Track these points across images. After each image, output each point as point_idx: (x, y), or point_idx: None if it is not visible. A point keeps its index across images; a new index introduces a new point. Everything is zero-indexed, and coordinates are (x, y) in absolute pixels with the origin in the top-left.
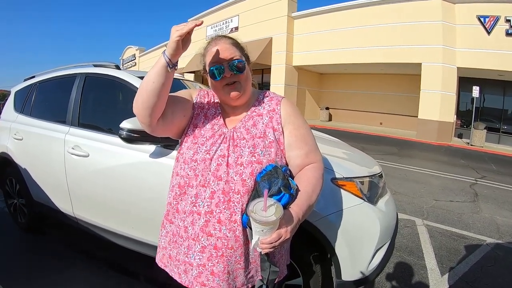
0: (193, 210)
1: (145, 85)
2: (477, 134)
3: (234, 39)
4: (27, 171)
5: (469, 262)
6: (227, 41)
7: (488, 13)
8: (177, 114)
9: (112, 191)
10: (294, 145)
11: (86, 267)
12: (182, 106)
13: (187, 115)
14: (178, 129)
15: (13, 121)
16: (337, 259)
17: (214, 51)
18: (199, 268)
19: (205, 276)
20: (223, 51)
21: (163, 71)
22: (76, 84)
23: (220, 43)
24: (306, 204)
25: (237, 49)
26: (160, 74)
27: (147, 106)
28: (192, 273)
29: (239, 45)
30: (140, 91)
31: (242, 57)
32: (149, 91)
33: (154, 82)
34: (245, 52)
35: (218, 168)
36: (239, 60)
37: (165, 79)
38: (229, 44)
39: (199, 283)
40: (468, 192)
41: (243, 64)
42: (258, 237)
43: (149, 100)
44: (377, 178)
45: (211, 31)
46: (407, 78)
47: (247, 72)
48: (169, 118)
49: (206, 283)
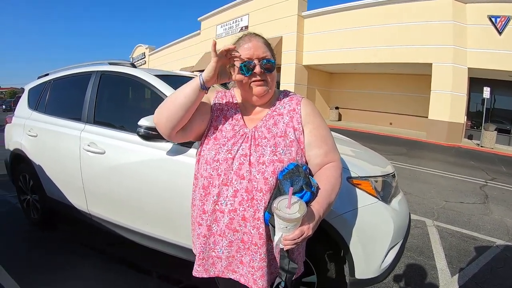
0: (215, 209)
1: (173, 99)
2: (487, 136)
3: (266, 39)
4: (41, 167)
5: (479, 263)
6: (260, 39)
7: (499, 13)
8: (195, 122)
9: (128, 187)
10: (314, 144)
11: (98, 262)
12: (200, 112)
13: (206, 120)
14: (197, 134)
15: (27, 118)
16: (351, 257)
17: (247, 47)
18: (229, 259)
19: (235, 264)
20: (257, 49)
21: (196, 89)
22: (91, 82)
23: (254, 40)
24: (326, 202)
25: (268, 49)
26: (193, 91)
27: (172, 119)
28: (222, 264)
29: (270, 46)
30: (167, 104)
31: (272, 57)
32: (177, 104)
33: (186, 97)
34: (273, 53)
35: (240, 167)
36: (271, 60)
37: (196, 97)
38: (262, 43)
39: (230, 270)
40: (478, 193)
41: (273, 65)
42: (281, 234)
43: (176, 113)
44: (390, 177)
45: (221, 30)
46: (417, 78)
47: (274, 72)
48: (188, 127)
49: (237, 270)
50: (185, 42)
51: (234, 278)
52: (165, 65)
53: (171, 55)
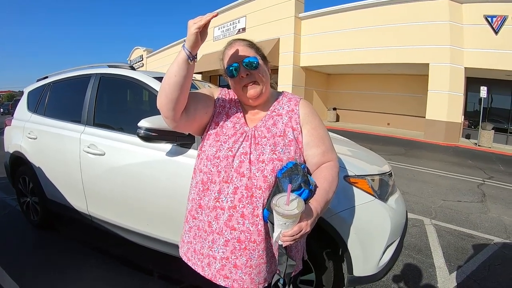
0: (216, 206)
1: (167, 80)
2: (485, 135)
3: (249, 41)
4: (41, 169)
5: (477, 261)
6: (242, 43)
7: (495, 13)
8: (199, 110)
9: (128, 188)
10: (312, 144)
11: (98, 263)
12: (204, 103)
13: (209, 112)
14: (200, 125)
15: (27, 120)
16: (349, 255)
17: (230, 53)
18: (222, 261)
19: (228, 268)
20: (239, 52)
21: (184, 64)
22: (91, 84)
23: (236, 45)
24: (324, 199)
25: (252, 49)
26: (182, 67)
27: (170, 99)
28: (215, 266)
29: (254, 46)
30: (163, 86)
31: (257, 56)
32: (171, 84)
33: (176, 75)
34: (260, 52)
35: (240, 165)
36: (252, 58)
37: (186, 71)
38: (244, 46)
39: (222, 275)
40: (475, 192)
41: (257, 61)
42: (280, 230)
43: (172, 93)
44: (387, 176)
45: (219, 32)
46: (415, 78)
47: (262, 70)
48: (192, 114)
49: (229, 275)
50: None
51: (226, 285)
52: (163, 67)
53: (169, 58)
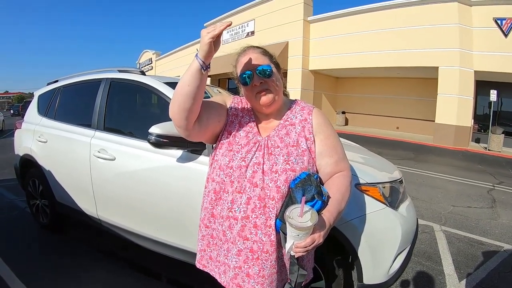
0: (229, 216)
1: (180, 89)
2: (495, 139)
3: (262, 48)
4: (51, 172)
5: (487, 268)
6: (256, 50)
7: (505, 15)
8: (212, 119)
9: (138, 194)
10: (325, 153)
11: (106, 266)
12: (217, 112)
13: (222, 121)
14: (213, 134)
15: (37, 124)
16: (359, 262)
17: (243, 61)
18: (235, 270)
19: (241, 277)
20: (252, 60)
21: (197, 73)
22: (101, 89)
23: (249, 52)
24: (337, 210)
25: (266, 57)
26: (195, 77)
27: (183, 108)
28: (229, 275)
29: (267, 53)
30: (176, 96)
31: (270, 64)
32: (184, 94)
33: (189, 85)
34: (274, 60)
35: (253, 175)
36: (266, 66)
37: (199, 81)
38: (258, 53)
39: (235, 284)
40: (485, 198)
41: (270, 69)
42: (293, 241)
43: (185, 102)
44: (397, 183)
45: (227, 36)
46: (424, 82)
47: (276, 78)
48: (204, 123)
49: (242, 284)
50: (191, 47)
51: None
52: (172, 70)
53: (178, 61)
